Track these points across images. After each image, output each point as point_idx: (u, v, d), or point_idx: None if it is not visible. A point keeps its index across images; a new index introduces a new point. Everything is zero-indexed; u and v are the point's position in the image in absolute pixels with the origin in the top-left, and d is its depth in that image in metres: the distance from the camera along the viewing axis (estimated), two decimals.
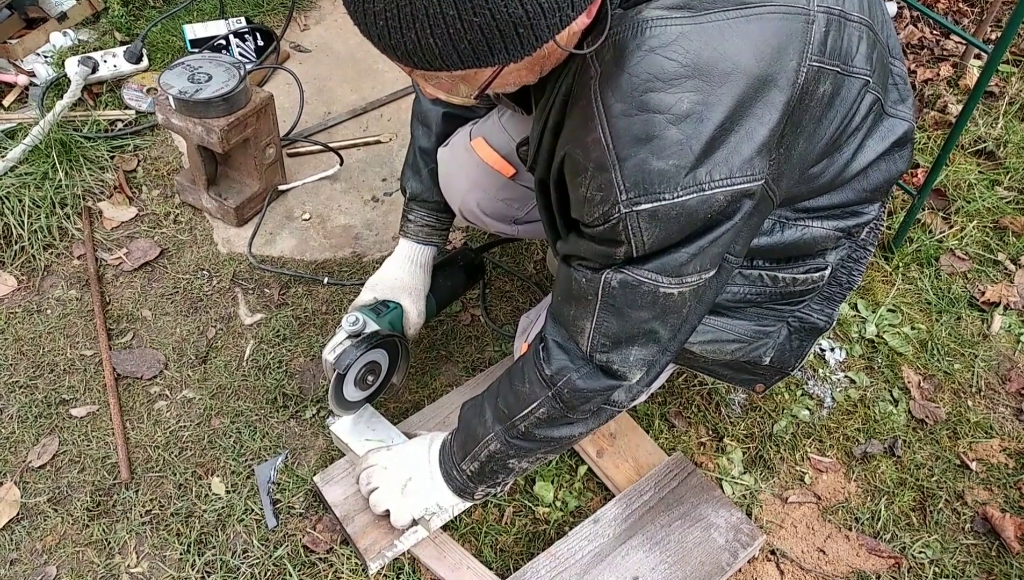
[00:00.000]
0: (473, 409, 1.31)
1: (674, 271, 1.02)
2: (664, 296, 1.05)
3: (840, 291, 1.38)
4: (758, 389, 1.46)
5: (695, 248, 1.01)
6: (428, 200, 1.56)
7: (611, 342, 1.11)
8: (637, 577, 1.41)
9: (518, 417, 1.22)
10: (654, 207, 0.95)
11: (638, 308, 1.06)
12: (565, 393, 1.16)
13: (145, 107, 2.29)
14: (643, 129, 0.92)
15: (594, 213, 0.99)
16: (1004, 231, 2.05)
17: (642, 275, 1.03)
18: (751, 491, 1.59)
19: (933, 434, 1.68)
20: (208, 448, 1.64)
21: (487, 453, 1.28)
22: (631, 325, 1.08)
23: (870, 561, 1.51)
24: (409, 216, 1.58)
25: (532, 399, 1.19)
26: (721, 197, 0.96)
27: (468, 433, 1.31)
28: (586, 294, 1.08)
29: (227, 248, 2.00)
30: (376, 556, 1.43)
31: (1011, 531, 1.53)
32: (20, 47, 2.41)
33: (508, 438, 1.25)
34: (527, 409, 1.21)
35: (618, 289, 1.05)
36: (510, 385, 1.24)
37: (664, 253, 1.01)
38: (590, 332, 1.11)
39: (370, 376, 1.52)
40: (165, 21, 2.52)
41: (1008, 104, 2.32)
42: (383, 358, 1.53)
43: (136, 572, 1.47)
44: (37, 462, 1.61)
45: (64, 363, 1.77)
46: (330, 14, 2.65)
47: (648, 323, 1.08)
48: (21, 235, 1.95)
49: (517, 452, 1.27)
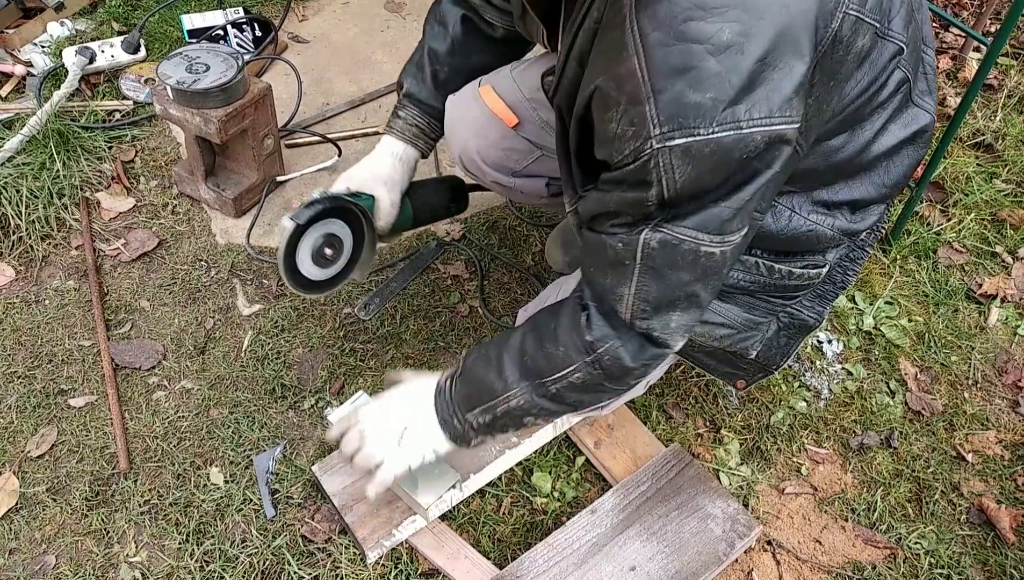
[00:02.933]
0: (485, 362, 1.23)
1: (716, 229, 0.99)
2: (706, 256, 1.02)
3: (833, 290, 1.38)
4: (739, 385, 1.45)
5: (736, 202, 0.98)
6: (423, 101, 1.49)
7: (652, 308, 1.07)
8: (634, 567, 1.42)
9: (550, 379, 1.16)
10: (688, 143, 0.91)
11: (679, 269, 1.02)
12: (606, 361, 1.12)
13: (143, 97, 2.29)
14: (681, 60, 0.89)
15: (624, 150, 0.95)
16: (1002, 224, 2.05)
17: (683, 233, 0.99)
18: (748, 482, 1.59)
19: (929, 426, 1.69)
20: (207, 438, 1.64)
21: (506, 408, 1.22)
22: (672, 288, 1.05)
23: (866, 552, 1.52)
24: (400, 112, 1.51)
25: (567, 364, 1.14)
26: (759, 137, 0.92)
27: (479, 386, 1.23)
28: (623, 259, 1.04)
29: (225, 239, 2.00)
30: (374, 545, 1.43)
31: (1006, 522, 1.54)
32: (17, 37, 2.40)
33: (535, 397, 1.19)
34: (561, 373, 1.15)
35: (658, 249, 1.01)
36: (539, 345, 1.17)
37: (703, 207, 0.98)
38: (629, 298, 1.06)
39: (328, 250, 1.39)
40: (163, 11, 2.51)
41: (1007, 97, 2.32)
42: (345, 235, 1.41)
43: (135, 561, 1.48)
44: (36, 452, 1.61)
45: (62, 353, 1.77)
46: (328, 5, 2.64)
47: (690, 286, 1.05)
48: (19, 225, 1.95)
49: (540, 411, 1.22)
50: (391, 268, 1.93)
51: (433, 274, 1.93)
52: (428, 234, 2.01)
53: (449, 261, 1.96)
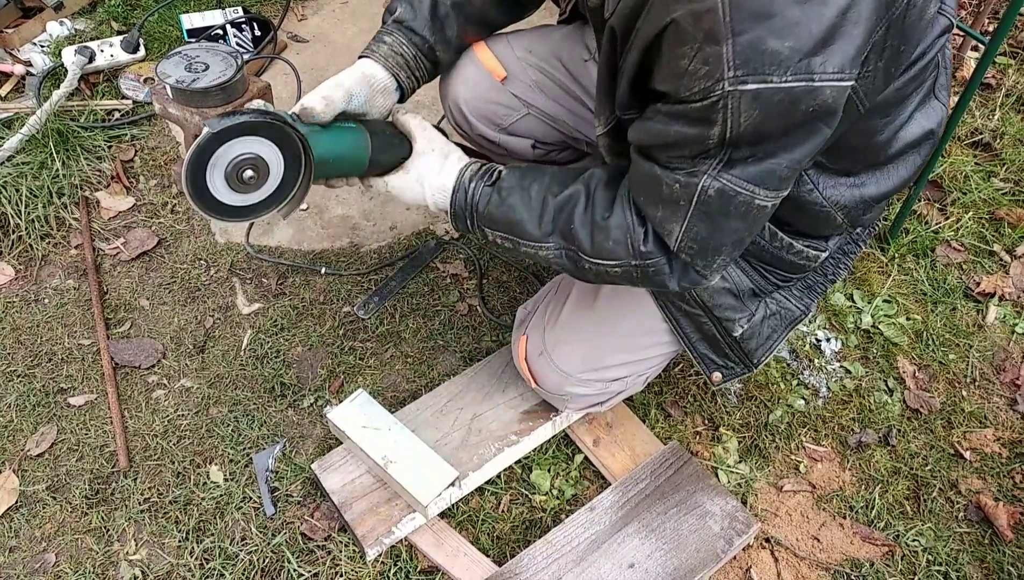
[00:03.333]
0: (525, 199, 1.20)
1: (773, 185, 1.01)
2: (758, 208, 1.03)
3: (822, 282, 1.39)
4: (715, 378, 1.44)
5: (793, 160, 0.98)
6: (415, 30, 1.34)
7: (699, 247, 1.08)
8: (633, 564, 1.42)
9: (588, 258, 1.16)
10: (759, 89, 0.91)
11: (731, 218, 1.04)
12: (651, 272, 1.13)
13: (142, 97, 2.29)
14: (764, 5, 0.88)
15: (693, 88, 0.94)
16: (1000, 222, 2.05)
17: (741, 186, 1.00)
18: (746, 480, 1.60)
19: (927, 424, 1.69)
20: (206, 437, 1.64)
21: (531, 252, 1.21)
22: (721, 233, 1.06)
23: (864, 549, 1.52)
24: (385, 37, 1.33)
25: (613, 257, 1.14)
26: (828, 92, 0.92)
27: (512, 218, 1.21)
28: (678, 199, 1.04)
29: (225, 238, 2.00)
30: (374, 543, 1.44)
31: (1004, 520, 1.54)
32: (17, 36, 2.40)
33: (565, 259, 1.19)
34: (603, 261, 1.15)
35: (715, 198, 1.02)
36: (591, 229, 1.15)
37: (761, 157, 0.98)
38: (679, 235, 1.07)
39: (249, 172, 1.15)
40: (162, 11, 2.52)
41: (1005, 96, 2.32)
42: (275, 161, 1.17)
43: (135, 559, 1.48)
44: (36, 450, 1.62)
45: (62, 352, 1.77)
46: (327, 4, 2.65)
47: (738, 233, 1.07)
48: (18, 225, 1.95)
49: (561, 269, 1.22)
50: (390, 267, 1.94)
51: (432, 273, 1.93)
52: (427, 233, 2.02)
53: (448, 260, 1.96)
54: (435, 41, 1.35)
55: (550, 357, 1.43)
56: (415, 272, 1.93)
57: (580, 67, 1.49)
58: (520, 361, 1.49)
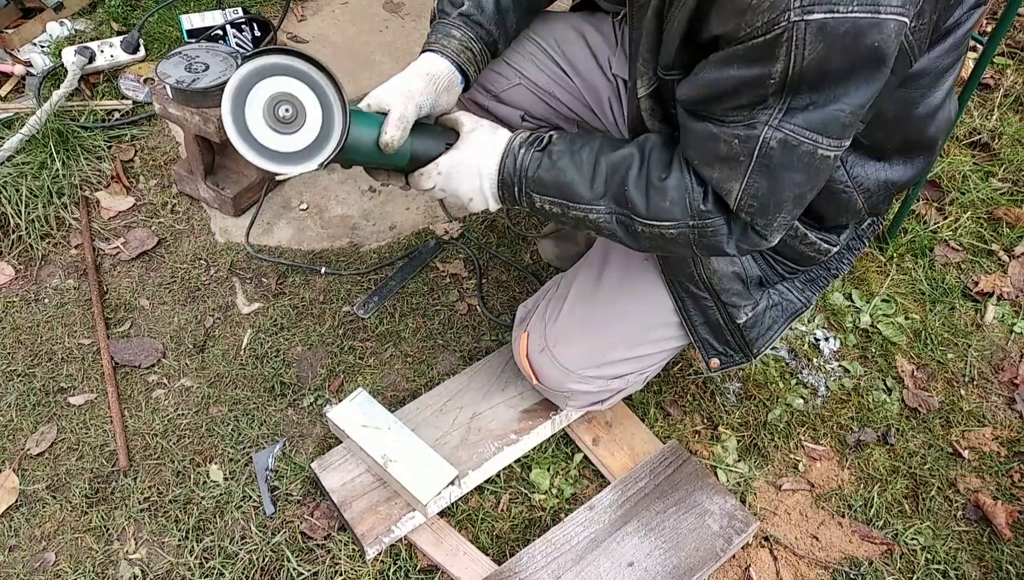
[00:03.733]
0: (576, 162, 1.17)
1: (836, 132, 0.99)
2: (821, 159, 1.01)
3: (824, 276, 1.40)
4: (712, 364, 1.44)
5: (856, 104, 0.97)
6: (482, 24, 1.30)
7: (759, 204, 1.06)
8: (632, 563, 1.42)
9: (641, 220, 1.14)
10: (825, 19, 0.90)
11: (793, 170, 1.02)
12: (709, 232, 1.11)
13: (142, 97, 2.29)
14: None
15: (756, 22, 0.93)
16: (998, 222, 2.06)
17: (804, 135, 0.99)
18: (745, 478, 1.60)
19: (926, 423, 1.70)
20: (206, 436, 1.64)
21: (580, 216, 1.18)
22: (783, 188, 1.04)
23: (862, 547, 1.53)
24: (454, 32, 1.28)
25: (670, 218, 1.11)
26: (891, 26, 0.92)
27: (562, 180, 1.18)
28: (737, 155, 1.02)
29: (224, 238, 2.01)
30: (373, 542, 1.44)
31: (1002, 518, 1.54)
32: (17, 37, 2.40)
33: (616, 223, 1.17)
34: (658, 222, 1.12)
35: (777, 149, 1.00)
36: (646, 189, 1.12)
37: (822, 103, 0.97)
38: (738, 193, 1.05)
39: (284, 108, 1.14)
40: (162, 11, 2.52)
41: (1003, 96, 2.33)
42: (311, 102, 1.15)
43: (135, 558, 1.48)
44: (36, 450, 1.62)
45: (62, 352, 1.78)
46: (327, 5, 2.65)
47: (800, 187, 1.05)
48: (18, 224, 1.95)
49: (610, 235, 1.18)
50: (390, 266, 1.94)
51: (432, 272, 1.93)
52: (427, 233, 2.02)
53: (448, 259, 1.96)
54: (499, 35, 1.34)
55: (552, 353, 1.43)
56: (415, 272, 1.93)
57: (574, 49, 1.49)
58: (521, 358, 1.49)
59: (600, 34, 1.49)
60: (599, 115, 1.52)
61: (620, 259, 1.44)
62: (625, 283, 1.42)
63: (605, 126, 1.53)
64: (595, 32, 1.48)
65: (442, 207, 1.91)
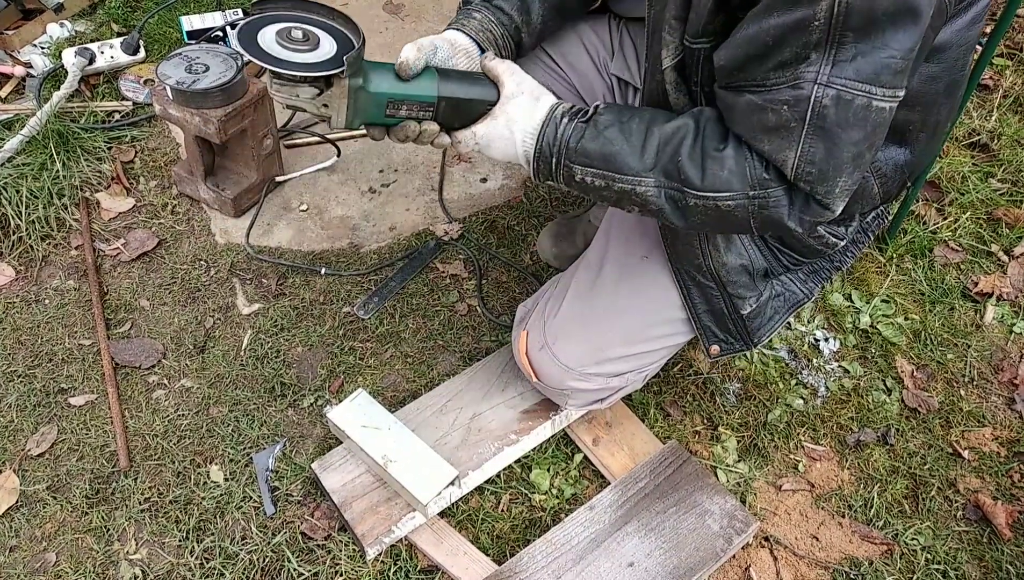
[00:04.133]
0: (624, 131, 1.13)
1: (888, 80, 0.96)
2: (877, 111, 0.98)
3: (828, 268, 1.41)
4: (713, 351, 1.43)
5: (905, 49, 0.95)
6: (503, 9, 1.31)
7: (818, 170, 1.02)
8: (633, 563, 1.42)
9: (695, 192, 1.09)
10: None
11: (849, 128, 0.99)
12: (770, 202, 1.06)
13: (142, 98, 2.30)
14: None
15: None
16: (997, 223, 2.06)
17: (856, 88, 0.96)
18: (745, 479, 1.60)
19: (926, 423, 1.70)
20: (207, 436, 1.64)
21: (626, 188, 1.13)
22: (841, 149, 1.00)
23: (862, 548, 1.53)
24: (475, 13, 1.29)
25: (728, 188, 1.07)
26: None
27: (607, 153, 1.13)
28: (788, 122, 0.99)
29: (225, 239, 2.01)
30: (374, 542, 1.44)
31: (1002, 518, 1.54)
32: (17, 38, 2.41)
33: (664, 197, 1.12)
34: (714, 193, 1.08)
35: (830, 108, 0.97)
36: (701, 160, 1.08)
37: (870, 49, 0.94)
38: (794, 162, 1.01)
39: (298, 32, 1.13)
40: (162, 12, 2.52)
41: (1002, 97, 2.33)
42: (324, 35, 1.16)
43: (135, 559, 1.48)
44: (36, 450, 1.62)
45: (62, 352, 1.78)
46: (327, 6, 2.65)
47: (858, 146, 1.01)
48: (19, 225, 1.95)
49: (656, 210, 1.13)
50: (390, 267, 1.94)
51: (432, 273, 1.94)
52: (427, 233, 2.02)
53: (447, 260, 1.97)
54: (521, 23, 1.32)
55: (551, 351, 1.43)
56: (415, 272, 1.93)
57: (571, 47, 1.49)
58: (521, 356, 1.49)
59: (596, 34, 1.49)
60: None
61: (619, 256, 1.44)
62: (624, 280, 1.42)
63: None
64: (591, 32, 1.49)
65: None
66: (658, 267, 1.41)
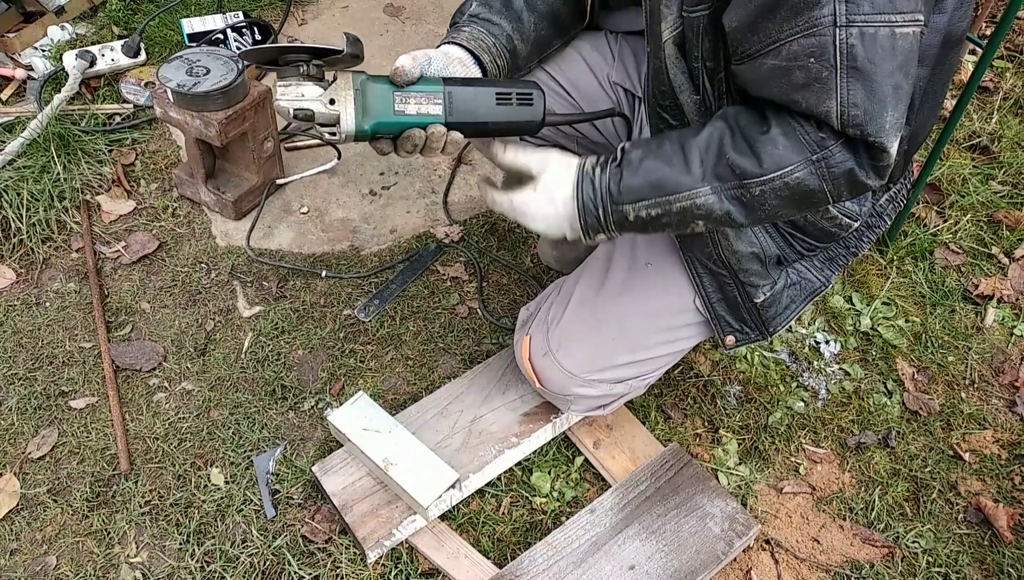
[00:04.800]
0: (662, 156, 1.13)
1: (904, 5, 0.96)
2: (901, 37, 0.98)
3: (844, 254, 1.39)
4: (728, 341, 1.42)
5: None
6: (491, 20, 1.31)
7: (864, 112, 1.01)
8: (634, 566, 1.42)
9: (757, 180, 1.08)
10: None
11: (882, 60, 0.98)
12: (835, 159, 1.05)
13: (143, 101, 2.30)
14: None
15: None
16: (998, 225, 2.06)
17: (875, 20, 0.96)
18: (746, 481, 1.60)
19: (927, 425, 1.70)
20: (207, 439, 1.64)
21: (686, 206, 1.12)
22: (879, 84, 0.99)
23: (864, 550, 1.53)
24: (463, 28, 1.30)
25: (789, 161, 1.06)
26: None
27: (655, 178, 1.13)
28: (820, 73, 0.99)
29: (225, 241, 2.01)
30: (374, 545, 1.44)
31: (1004, 521, 1.54)
32: (18, 41, 2.41)
33: (726, 199, 1.11)
34: (777, 173, 1.06)
35: (857, 45, 0.97)
36: (751, 147, 1.08)
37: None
38: (837, 108, 1.01)
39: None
40: (163, 15, 2.53)
41: (1003, 99, 2.33)
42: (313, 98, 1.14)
43: (136, 562, 1.48)
44: (37, 453, 1.62)
45: (63, 355, 1.78)
46: (327, 9, 2.66)
47: (893, 77, 0.99)
48: (19, 228, 1.95)
49: (723, 217, 1.12)
50: (390, 270, 1.94)
51: (432, 276, 1.94)
52: (427, 236, 2.02)
53: (448, 263, 1.97)
54: (512, 30, 1.32)
55: (555, 357, 1.43)
56: (415, 275, 1.93)
57: (573, 68, 1.49)
58: (524, 362, 1.49)
59: (597, 52, 1.50)
60: (600, 128, 1.53)
61: (624, 262, 1.44)
62: (629, 286, 1.42)
63: (606, 139, 1.54)
64: (592, 50, 1.49)
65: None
66: (664, 272, 1.40)
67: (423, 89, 1.18)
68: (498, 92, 1.20)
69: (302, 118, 1.16)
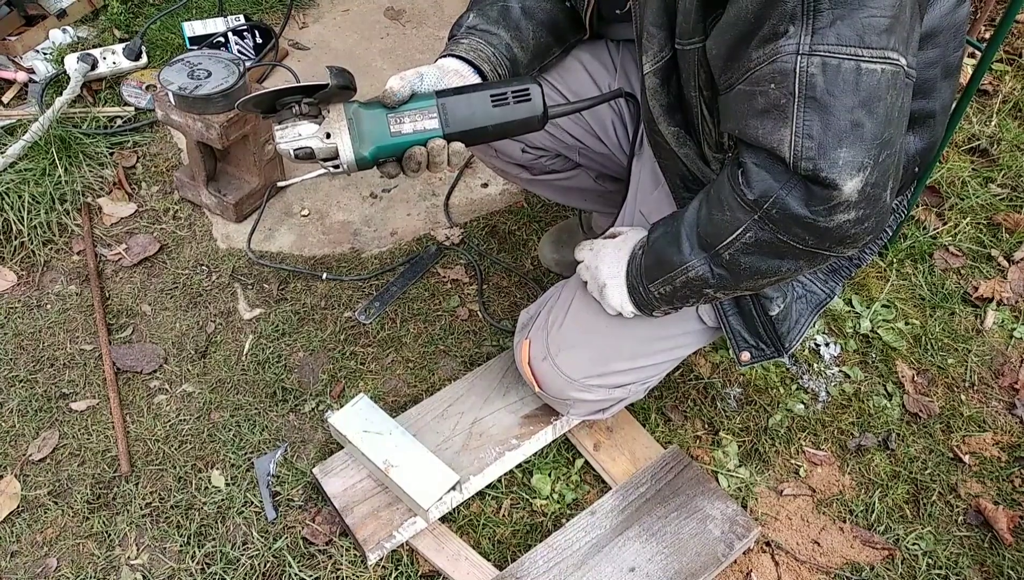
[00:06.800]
0: (666, 237, 1.22)
1: (874, 41, 0.94)
2: (867, 73, 0.95)
3: (847, 266, 1.39)
4: (743, 358, 1.42)
5: (883, 3, 0.93)
6: (489, 31, 1.33)
7: (816, 144, 0.98)
8: (634, 568, 1.42)
9: (722, 245, 1.13)
10: None
11: (841, 94, 0.96)
12: (774, 213, 1.05)
13: (144, 104, 2.30)
14: None
15: None
16: (997, 228, 2.06)
17: (840, 52, 0.94)
18: (746, 484, 1.60)
19: (927, 428, 1.70)
20: (208, 441, 1.65)
21: (684, 279, 1.20)
22: (835, 118, 0.97)
23: (864, 553, 1.53)
24: (461, 40, 1.32)
25: (736, 226, 1.09)
26: None
27: (660, 259, 1.23)
28: (778, 100, 0.98)
29: (226, 244, 2.01)
30: (375, 547, 1.44)
31: (1003, 523, 1.54)
32: (20, 44, 2.41)
33: (712, 266, 1.16)
34: (732, 237, 1.10)
35: (818, 75, 0.96)
36: (709, 216, 1.14)
37: (851, 12, 0.93)
38: (791, 139, 0.99)
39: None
40: (164, 18, 2.53)
41: (1002, 102, 2.34)
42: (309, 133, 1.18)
43: (136, 564, 1.48)
44: (37, 455, 1.62)
45: (64, 357, 1.78)
46: (328, 12, 2.66)
47: (853, 113, 0.97)
48: (21, 231, 1.96)
49: (719, 282, 1.18)
50: (391, 272, 1.95)
51: (433, 278, 1.94)
52: (428, 238, 2.02)
53: (448, 265, 1.97)
54: (511, 39, 1.33)
55: (554, 362, 1.43)
56: (416, 277, 1.93)
57: (576, 78, 1.49)
58: (523, 365, 1.49)
59: (599, 61, 1.50)
60: (603, 139, 1.53)
61: None
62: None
63: (609, 149, 1.54)
64: (593, 60, 1.50)
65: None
66: None
67: (416, 106, 1.18)
68: (492, 94, 1.20)
69: (303, 157, 1.17)
